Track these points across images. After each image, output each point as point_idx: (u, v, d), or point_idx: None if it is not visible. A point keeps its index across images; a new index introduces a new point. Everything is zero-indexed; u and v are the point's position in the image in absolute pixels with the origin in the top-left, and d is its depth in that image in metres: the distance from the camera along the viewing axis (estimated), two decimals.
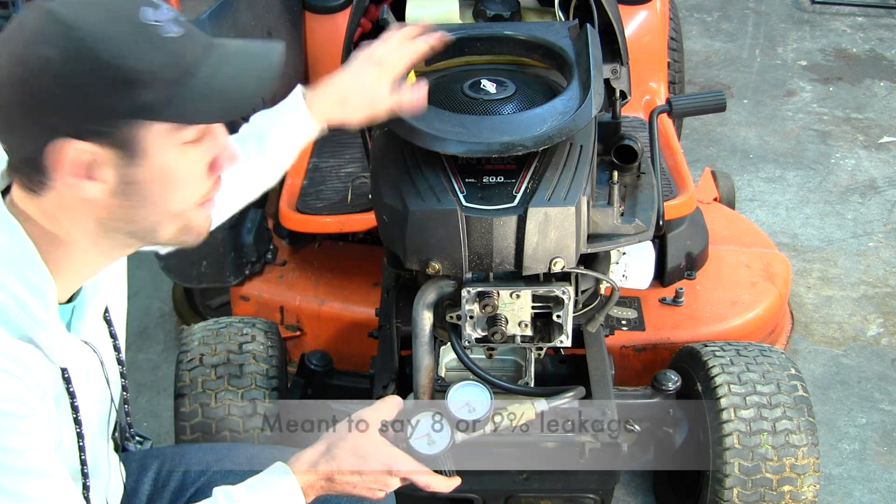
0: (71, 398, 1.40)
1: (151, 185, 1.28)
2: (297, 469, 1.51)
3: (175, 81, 1.22)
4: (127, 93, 1.20)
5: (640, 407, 2.22)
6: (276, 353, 2.35)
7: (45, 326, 1.31)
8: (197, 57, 1.25)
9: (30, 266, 1.30)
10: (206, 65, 1.25)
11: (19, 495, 1.27)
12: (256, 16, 2.85)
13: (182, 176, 1.29)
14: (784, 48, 4.88)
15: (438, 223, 1.76)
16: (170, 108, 1.23)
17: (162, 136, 1.24)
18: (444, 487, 1.62)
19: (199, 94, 1.23)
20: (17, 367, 1.28)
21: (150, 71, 1.21)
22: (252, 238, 2.76)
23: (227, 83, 1.25)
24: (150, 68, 1.21)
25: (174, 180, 1.29)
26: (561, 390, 1.86)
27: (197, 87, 1.23)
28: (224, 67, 1.26)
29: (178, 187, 1.30)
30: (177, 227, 1.34)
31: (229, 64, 1.27)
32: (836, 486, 2.63)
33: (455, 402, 1.68)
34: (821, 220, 3.66)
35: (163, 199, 1.29)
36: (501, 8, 2.43)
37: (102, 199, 1.27)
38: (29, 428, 1.28)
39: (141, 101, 1.21)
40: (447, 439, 1.62)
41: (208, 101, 1.24)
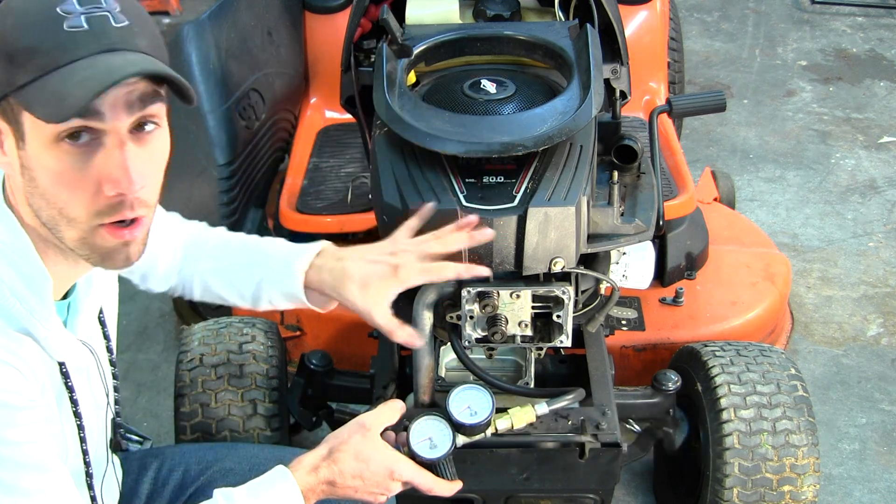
0: (70, 392, 1.41)
1: (38, 174, 1.26)
2: (298, 472, 1.51)
3: (43, 70, 1.21)
4: (8, 68, 1.22)
5: (640, 407, 2.22)
6: (276, 353, 2.35)
7: (41, 318, 1.32)
8: (76, 56, 1.22)
9: (25, 258, 1.31)
10: (75, 66, 1.22)
11: (16, 489, 1.27)
12: (256, 16, 2.85)
13: (62, 175, 1.26)
14: (784, 48, 4.88)
15: (438, 223, 1.76)
16: (29, 94, 1.22)
17: (35, 123, 1.24)
18: (446, 491, 1.62)
19: (49, 89, 1.21)
20: (15, 359, 1.29)
21: (25, 51, 1.21)
22: None
23: (70, 87, 1.21)
24: (26, 49, 1.21)
25: (55, 176, 1.26)
26: (561, 392, 1.85)
27: (51, 83, 1.21)
28: (82, 72, 1.21)
29: (61, 186, 1.26)
30: (77, 237, 1.30)
31: (88, 70, 1.22)
32: (836, 486, 2.63)
33: (456, 405, 1.67)
34: (821, 220, 3.66)
35: (50, 193, 1.27)
36: (501, 8, 2.43)
37: (16, 177, 1.29)
38: (26, 420, 1.28)
39: (13, 78, 1.22)
40: (449, 443, 1.62)
41: (48, 98, 1.21)
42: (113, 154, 1.26)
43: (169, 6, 5.13)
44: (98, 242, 1.31)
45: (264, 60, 2.84)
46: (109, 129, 1.25)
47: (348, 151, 2.93)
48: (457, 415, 1.65)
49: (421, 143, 1.81)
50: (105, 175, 1.26)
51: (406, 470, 1.56)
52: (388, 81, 1.94)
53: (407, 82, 2.01)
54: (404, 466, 1.56)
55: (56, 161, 1.25)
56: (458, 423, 1.65)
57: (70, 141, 1.24)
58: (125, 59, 1.24)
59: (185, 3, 5.25)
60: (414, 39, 2.09)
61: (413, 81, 2.09)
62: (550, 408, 1.79)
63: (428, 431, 1.62)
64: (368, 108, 2.22)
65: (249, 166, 2.71)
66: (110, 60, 1.23)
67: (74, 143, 1.24)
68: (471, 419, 1.66)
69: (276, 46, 2.92)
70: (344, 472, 1.51)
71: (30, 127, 1.24)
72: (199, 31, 2.56)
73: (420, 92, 2.02)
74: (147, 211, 1.33)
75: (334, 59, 2.45)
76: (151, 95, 1.28)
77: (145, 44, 1.27)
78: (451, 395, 1.67)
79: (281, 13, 3.00)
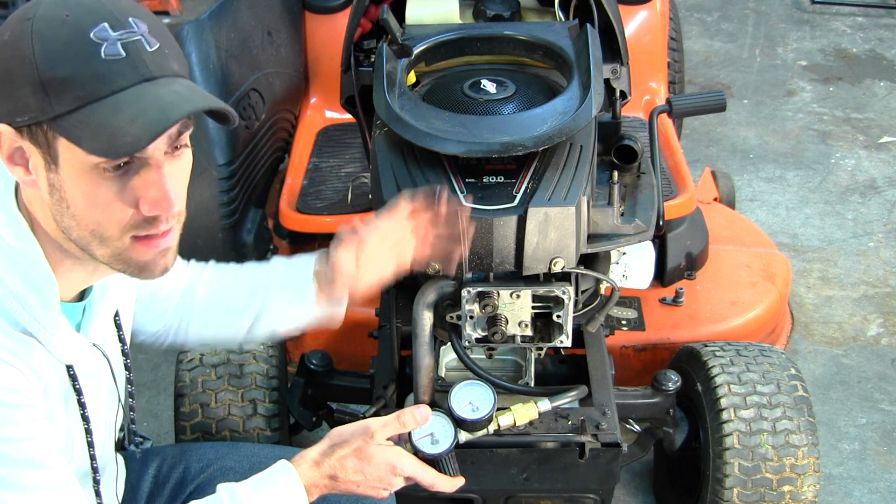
0: (77, 395, 1.41)
1: (71, 197, 1.26)
2: (301, 467, 1.51)
3: (84, 101, 1.20)
4: (38, 95, 1.20)
5: (640, 407, 2.22)
6: (276, 353, 2.35)
7: (44, 323, 1.32)
8: (118, 87, 1.21)
9: (32, 263, 1.31)
10: (122, 98, 1.21)
11: (15, 485, 1.28)
12: (256, 16, 2.85)
13: (97, 199, 1.25)
14: (784, 48, 4.88)
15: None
16: (69, 125, 1.20)
17: (71, 150, 1.22)
18: (448, 487, 1.62)
19: (97, 122, 1.20)
20: (15, 359, 1.29)
21: (61, 81, 1.19)
22: (252, 238, 2.75)
23: (121, 122, 1.20)
24: (63, 79, 1.19)
25: (90, 199, 1.25)
26: (563, 389, 1.86)
27: (98, 115, 1.20)
28: (131, 106, 1.21)
29: (93, 208, 1.26)
30: (110, 253, 1.30)
31: (139, 103, 1.21)
32: (836, 486, 2.63)
33: (458, 401, 1.67)
34: (821, 220, 3.66)
35: (82, 215, 1.27)
36: (501, 8, 2.43)
37: (42, 196, 1.28)
38: (24, 418, 1.29)
39: (48, 107, 1.20)
40: (451, 439, 1.62)
41: (99, 132, 1.20)
42: (152, 178, 1.27)
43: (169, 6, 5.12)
44: (133, 257, 1.32)
45: (264, 60, 2.84)
46: (150, 157, 1.26)
47: (348, 151, 2.93)
48: (459, 410, 1.66)
49: (421, 143, 1.81)
50: (144, 197, 1.27)
51: (408, 465, 1.56)
52: (388, 81, 1.94)
53: (407, 82, 2.01)
54: (406, 462, 1.56)
55: (93, 186, 1.25)
56: (460, 419, 1.65)
57: (110, 169, 1.24)
58: (170, 90, 1.23)
59: (185, 3, 5.23)
60: (414, 39, 2.09)
61: (413, 81, 2.09)
62: (553, 404, 1.79)
63: (430, 427, 1.62)
64: (368, 108, 2.22)
65: (249, 166, 2.71)
66: (155, 92, 1.22)
67: (115, 171, 1.24)
68: (473, 415, 1.66)
69: (276, 46, 2.92)
70: (346, 466, 1.52)
71: (65, 153, 1.23)
72: (199, 31, 2.56)
73: (420, 92, 2.02)
74: (179, 218, 1.35)
75: (334, 59, 2.45)
76: (187, 125, 1.29)
77: (177, 65, 1.27)
78: (452, 391, 1.67)
79: (281, 13, 3.00)
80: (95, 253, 1.30)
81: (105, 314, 1.47)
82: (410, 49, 2.05)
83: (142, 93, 1.21)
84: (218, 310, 1.77)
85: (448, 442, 1.61)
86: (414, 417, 1.59)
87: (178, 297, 1.76)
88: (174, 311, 1.76)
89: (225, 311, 1.76)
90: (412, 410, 1.59)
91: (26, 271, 1.31)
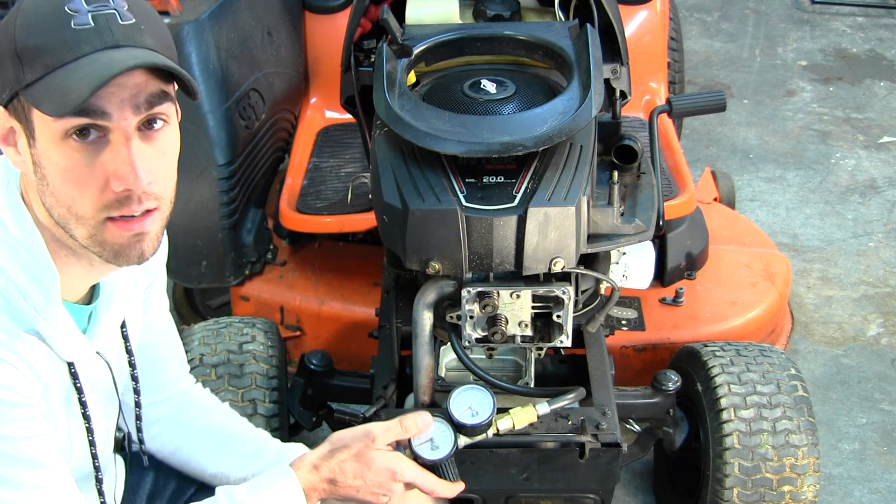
0: (79, 394, 1.41)
1: (48, 171, 1.28)
2: (300, 470, 1.51)
3: (48, 68, 1.23)
4: (17, 66, 1.24)
5: (640, 407, 2.22)
6: (276, 353, 2.35)
7: (46, 315, 1.32)
8: (81, 53, 1.24)
9: (34, 254, 1.32)
10: (80, 62, 1.23)
11: (11, 482, 1.28)
12: (256, 16, 2.85)
13: (70, 172, 1.27)
14: (784, 48, 4.88)
15: (438, 223, 1.76)
16: (36, 92, 1.24)
17: (43, 120, 1.25)
18: (448, 493, 1.62)
19: (54, 86, 1.23)
20: (14, 357, 1.29)
21: (33, 50, 1.23)
22: (252, 238, 2.76)
23: (72, 82, 1.22)
24: (34, 48, 1.23)
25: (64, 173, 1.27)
26: (562, 391, 1.85)
27: (56, 80, 1.23)
28: (85, 67, 1.23)
29: (69, 182, 1.28)
30: (87, 234, 1.31)
31: (92, 65, 1.23)
32: (836, 486, 2.63)
33: (457, 406, 1.67)
34: (821, 220, 3.66)
35: (59, 191, 1.29)
36: (501, 8, 2.42)
37: (30, 176, 1.31)
38: (21, 417, 1.29)
39: (21, 76, 1.24)
40: (451, 444, 1.62)
41: (53, 94, 1.23)
42: (119, 150, 1.27)
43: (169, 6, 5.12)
44: (108, 238, 1.32)
45: (264, 60, 2.84)
46: (115, 126, 1.27)
47: (348, 151, 2.93)
48: (458, 415, 1.65)
49: (421, 143, 1.81)
50: (112, 171, 1.27)
51: (408, 471, 1.55)
52: (388, 81, 1.94)
53: (407, 82, 2.01)
54: (406, 467, 1.55)
55: (65, 157, 1.26)
56: (460, 424, 1.65)
57: (78, 138, 1.26)
58: (128, 54, 1.25)
59: (185, 3, 5.24)
60: (414, 39, 2.09)
61: (413, 81, 2.09)
62: (552, 407, 1.79)
63: (429, 433, 1.62)
64: (368, 108, 2.22)
65: (249, 166, 2.71)
66: (113, 56, 1.24)
67: (82, 140, 1.26)
68: (472, 420, 1.66)
69: (276, 46, 2.92)
70: (345, 471, 1.51)
71: (39, 124, 1.26)
72: (199, 31, 2.56)
73: (420, 92, 2.02)
74: (158, 203, 1.33)
75: (334, 59, 2.45)
76: (159, 96, 1.29)
77: (151, 42, 1.28)
78: (451, 396, 1.67)
79: (281, 13, 3.00)
80: (75, 234, 1.31)
81: (110, 323, 1.47)
82: (410, 49, 2.05)
83: (100, 56, 1.24)
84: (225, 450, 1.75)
85: (448, 448, 1.61)
86: (416, 424, 1.58)
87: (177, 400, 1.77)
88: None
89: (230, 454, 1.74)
90: (415, 417, 1.58)
91: (28, 262, 1.32)
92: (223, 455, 1.71)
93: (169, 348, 1.74)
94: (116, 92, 1.25)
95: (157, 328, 1.69)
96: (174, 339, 1.75)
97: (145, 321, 1.63)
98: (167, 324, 1.71)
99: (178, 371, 1.77)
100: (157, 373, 1.71)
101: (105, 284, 1.46)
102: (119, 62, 1.23)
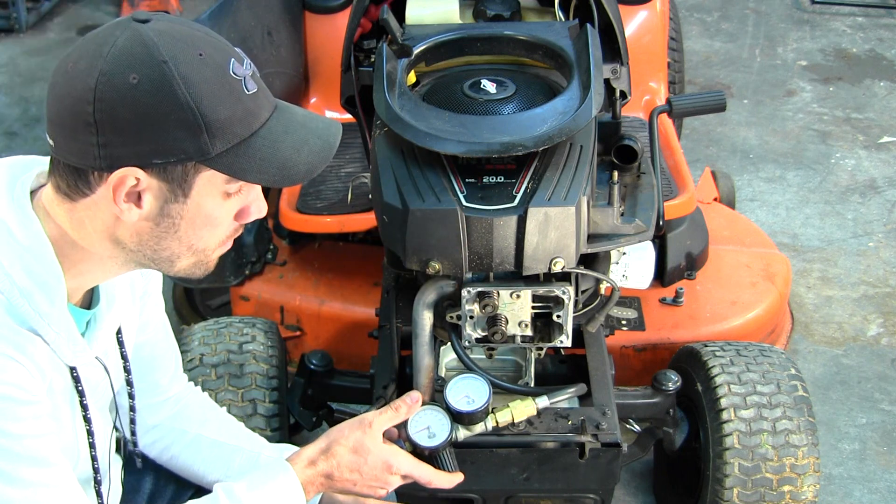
0: (80, 396, 1.41)
1: (185, 222, 1.31)
2: (298, 465, 1.52)
3: (242, 137, 1.26)
4: (198, 137, 1.24)
5: (640, 407, 2.22)
6: (276, 353, 2.35)
7: (49, 320, 1.32)
8: (265, 118, 1.29)
9: (40, 260, 1.32)
10: (272, 129, 1.29)
11: (17, 480, 1.28)
12: (256, 16, 2.85)
13: (215, 220, 1.33)
14: (784, 48, 4.88)
15: (438, 223, 1.76)
16: (230, 162, 1.26)
17: (211, 181, 1.28)
18: (446, 483, 1.62)
19: (261, 155, 1.28)
20: (20, 355, 1.29)
21: (223, 122, 1.24)
22: (252, 238, 2.76)
23: (287, 153, 1.30)
24: (224, 120, 1.24)
25: (207, 223, 1.32)
26: (562, 386, 1.85)
27: (259, 148, 1.28)
28: (287, 136, 1.30)
29: (207, 229, 1.33)
30: (192, 262, 1.37)
31: (293, 134, 1.31)
32: (836, 486, 2.63)
33: (454, 394, 1.67)
34: (821, 220, 3.66)
35: (190, 236, 1.33)
36: (501, 8, 2.42)
37: (136, 223, 1.30)
38: (28, 415, 1.29)
39: (208, 148, 1.24)
40: (447, 432, 1.62)
41: (266, 165, 1.28)
42: (258, 191, 1.36)
43: (169, 6, 5.13)
44: (210, 260, 1.39)
45: (264, 60, 2.84)
46: None
47: (348, 151, 2.93)
48: (454, 403, 1.65)
49: (421, 143, 1.81)
50: (248, 208, 1.36)
51: (404, 463, 1.56)
52: (388, 81, 1.94)
53: (407, 82, 2.01)
54: (402, 460, 1.56)
55: (217, 209, 1.32)
56: (456, 412, 1.65)
57: (237, 192, 1.33)
58: (295, 116, 1.34)
59: (185, 3, 5.25)
60: (414, 39, 2.09)
61: (413, 81, 2.09)
62: (551, 401, 1.78)
63: (426, 421, 1.62)
64: (368, 108, 2.22)
65: None
66: (291, 120, 1.33)
67: (239, 192, 1.33)
68: (468, 407, 1.66)
69: (276, 46, 2.92)
70: (342, 465, 1.52)
71: (203, 185, 1.28)
72: None
73: (420, 92, 2.02)
74: None
75: (334, 59, 2.45)
76: None
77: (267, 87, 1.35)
78: (448, 385, 1.67)
79: (281, 13, 3.00)
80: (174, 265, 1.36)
81: (108, 328, 1.48)
82: (410, 49, 2.05)
83: (281, 121, 1.31)
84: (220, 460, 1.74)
85: (444, 434, 1.61)
86: (406, 404, 1.61)
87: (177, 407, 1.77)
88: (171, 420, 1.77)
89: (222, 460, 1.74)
90: (404, 397, 1.62)
91: (33, 268, 1.32)
92: (218, 464, 1.72)
93: (165, 349, 1.74)
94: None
95: (154, 329, 1.69)
96: (171, 341, 1.75)
97: (142, 321, 1.63)
98: (163, 325, 1.71)
99: (175, 373, 1.77)
100: (154, 374, 1.71)
101: (104, 289, 1.46)
102: (324, 132, 1.35)
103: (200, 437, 1.74)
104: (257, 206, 1.37)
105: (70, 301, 1.39)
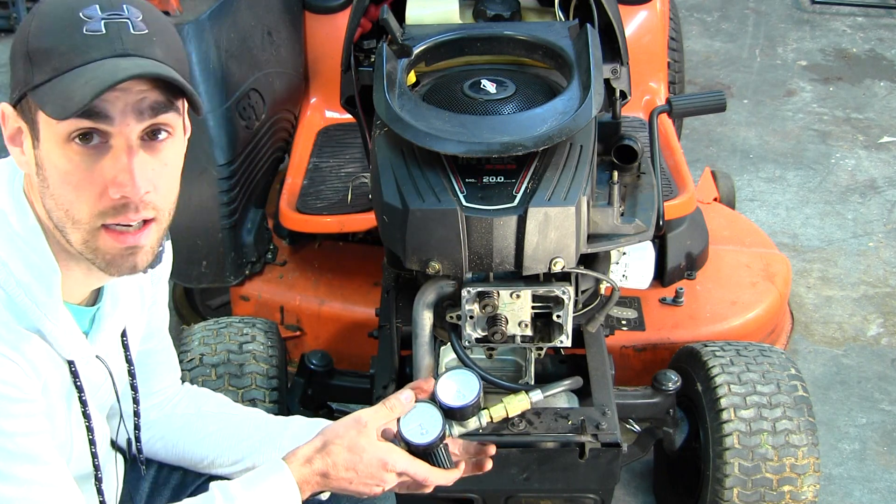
0: (79, 392, 1.41)
1: (50, 173, 1.29)
2: (293, 464, 1.51)
3: (56, 71, 1.25)
4: (27, 67, 1.26)
5: (640, 407, 2.22)
6: (276, 353, 2.35)
7: (47, 310, 1.33)
8: (90, 58, 1.25)
9: (35, 250, 1.32)
10: (87, 67, 1.25)
11: (11, 477, 1.29)
12: (256, 16, 2.85)
13: (70, 175, 1.28)
14: (784, 48, 4.88)
15: (438, 223, 1.76)
16: (43, 94, 1.25)
17: (48, 122, 1.27)
18: (444, 479, 1.61)
19: (58, 89, 1.24)
20: (15, 353, 1.30)
21: (44, 52, 1.25)
22: (252, 238, 2.76)
23: (76, 86, 1.24)
24: (45, 50, 1.25)
25: (64, 176, 1.28)
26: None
27: (63, 83, 1.24)
28: (91, 73, 1.24)
29: (68, 186, 1.29)
30: (82, 240, 1.32)
31: (97, 70, 1.24)
32: (836, 486, 2.63)
33: (443, 389, 1.67)
34: (821, 220, 3.66)
35: (58, 193, 1.30)
36: (501, 8, 2.43)
37: (32, 177, 1.32)
38: (22, 412, 1.30)
39: (30, 77, 1.26)
40: (439, 428, 1.61)
41: (58, 96, 1.24)
42: (120, 157, 1.28)
43: (169, 6, 5.12)
44: (101, 246, 1.32)
45: (264, 60, 2.84)
46: (117, 132, 1.27)
47: (348, 151, 2.93)
48: (444, 398, 1.65)
49: (421, 143, 1.81)
50: (111, 177, 1.28)
51: (400, 460, 1.55)
52: (388, 81, 1.94)
53: (407, 82, 2.01)
54: (398, 457, 1.55)
55: (65, 160, 1.28)
56: (447, 407, 1.65)
57: (80, 142, 1.27)
58: (134, 63, 1.25)
59: (185, 3, 5.22)
60: (414, 39, 2.09)
61: (413, 81, 2.09)
62: (545, 394, 1.77)
63: (418, 418, 1.62)
64: (368, 108, 2.22)
65: (249, 166, 2.71)
66: (119, 63, 1.25)
67: (84, 144, 1.27)
68: (459, 402, 1.65)
69: (276, 46, 2.92)
70: (337, 464, 1.52)
71: (44, 126, 1.27)
72: (199, 31, 2.56)
73: (420, 92, 2.02)
74: (156, 214, 1.34)
75: (334, 59, 2.45)
76: (164, 104, 1.30)
77: (161, 53, 1.29)
78: (438, 381, 1.67)
79: (281, 13, 3.00)
80: (70, 239, 1.32)
81: (112, 329, 1.48)
82: (410, 49, 2.05)
83: (107, 63, 1.25)
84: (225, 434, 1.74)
85: (436, 431, 1.60)
86: (400, 401, 1.60)
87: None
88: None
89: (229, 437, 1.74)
90: (397, 395, 1.62)
91: (30, 257, 1.32)
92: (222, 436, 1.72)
93: (167, 358, 1.75)
94: (120, 97, 1.26)
95: (160, 336, 1.70)
96: (172, 349, 1.78)
97: (150, 329, 1.64)
98: (167, 334, 1.72)
99: (174, 375, 1.79)
100: (154, 378, 1.73)
101: (110, 288, 1.47)
102: (123, 70, 1.24)
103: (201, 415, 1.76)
104: (120, 172, 1.28)
105: (74, 300, 1.40)
